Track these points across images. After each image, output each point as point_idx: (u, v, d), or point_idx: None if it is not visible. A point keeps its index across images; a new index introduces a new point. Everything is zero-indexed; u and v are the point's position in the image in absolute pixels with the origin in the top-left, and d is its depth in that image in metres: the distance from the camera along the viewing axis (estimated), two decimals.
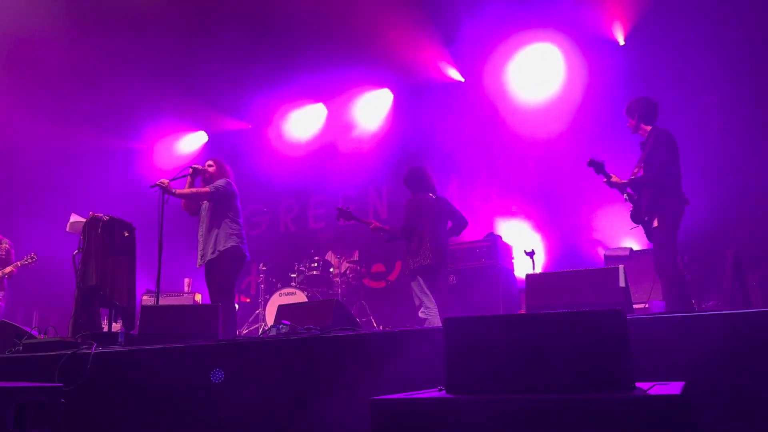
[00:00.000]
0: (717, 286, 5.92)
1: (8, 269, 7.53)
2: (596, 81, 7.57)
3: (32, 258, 7.46)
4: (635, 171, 5.08)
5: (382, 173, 9.24)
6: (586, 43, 8.11)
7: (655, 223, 4.88)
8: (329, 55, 8.64)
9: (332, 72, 8.95)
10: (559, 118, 7.76)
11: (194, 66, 8.80)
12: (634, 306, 4.71)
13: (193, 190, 5.94)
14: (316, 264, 8.25)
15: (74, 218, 6.96)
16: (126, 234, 4.71)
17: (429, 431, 1.72)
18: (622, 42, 8.03)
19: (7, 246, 7.74)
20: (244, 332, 8.08)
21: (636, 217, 5.05)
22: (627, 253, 6.15)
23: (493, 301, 6.55)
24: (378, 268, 9.23)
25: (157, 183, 5.63)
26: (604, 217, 7.22)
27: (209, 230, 5.84)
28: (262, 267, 8.59)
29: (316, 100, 9.96)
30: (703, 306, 5.75)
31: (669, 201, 4.94)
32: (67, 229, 7.18)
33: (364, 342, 3.33)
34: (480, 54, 8.57)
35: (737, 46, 7.01)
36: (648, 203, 4.94)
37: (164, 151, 10.84)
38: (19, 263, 7.55)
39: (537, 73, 8.45)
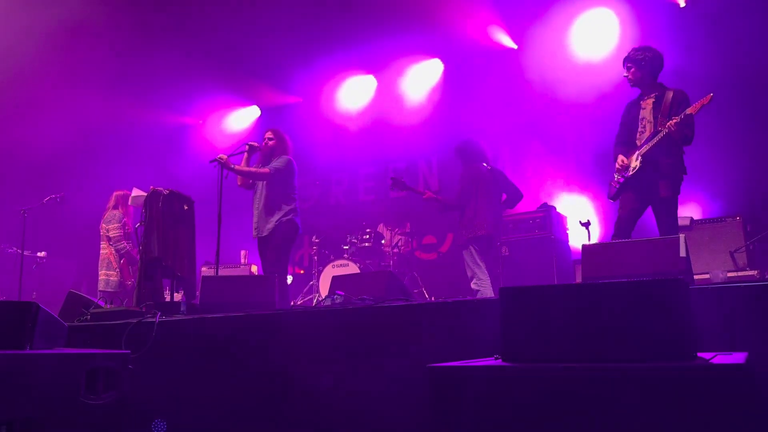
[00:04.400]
0: None
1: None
2: (655, 45, 7.31)
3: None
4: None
5: (433, 144, 9.18)
6: (645, 5, 7.81)
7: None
8: (379, 26, 8.56)
9: (382, 43, 8.88)
10: (615, 86, 7.53)
11: (246, 40, 8.87)
12: (695, 277, 4.60)
13: (252, 169, 5.97)
14: (367, 236, 8.32)
15: (136, 192, 7.18)
16: (185, 207, 4.83)
17: (486, 398, 1.74)
18: (683, 4, 7.72)
19: (125, 219, 7.35)
20: (299, 302, 8.24)
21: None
22: (687, 222, 5.97)
23: (546, 273, 6.48)
24: (429, 240, 9.23)
25: (216, 158, 5.73)
26: None
27: (265, 204, 5.93)
28: (314, 239, 8.71)
29: (366, 72, 9.93)
30: (767, 275, 5.57)
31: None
32: (129, 202, 7.42)
33: (418, 312, 3.36)
34: (533, 19, 8.35)
35: None
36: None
37: (219, 126, 11.03)
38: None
39: (592, 39, 8.20)
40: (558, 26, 8.34)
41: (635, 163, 4.75)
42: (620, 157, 4.89)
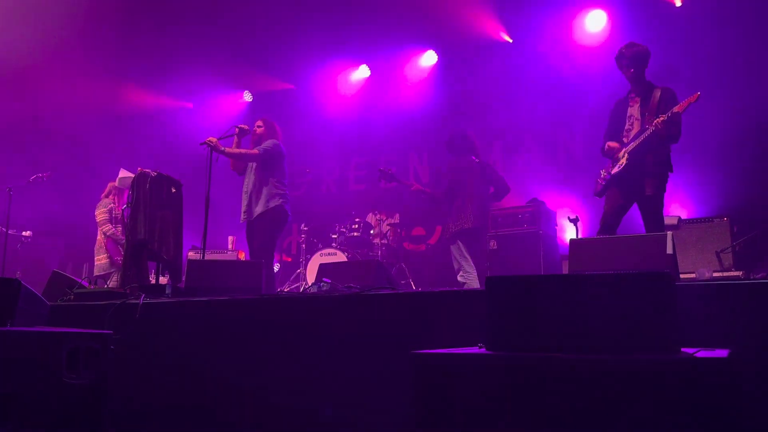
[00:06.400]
0: (767, 255, 5.77)
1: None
2: (650, 46, 7.33)
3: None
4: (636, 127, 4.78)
5: (424, 136, 9.17)
6: (641, 5, 7.81)
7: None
8: (374, 16, 8.53)
9: (377, 33, 8.85)
10: (607, 82, 7.55)
11: (239, 26, 8.81)
12: (681, 275, 4.62)
13: (242, 151, 5.98)
14: (356, 226, 8.30)
15: (123, 173, 7.11)
16: (173, 190, 4.79)
17: (470, 386, 1.74)
18: (678, 3, 7.72)
19: (111, 205, 7.42)
20: (285, 290, 8.22)
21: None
22: (675, 221, 6.00)
23: (534, 267, 6.49)
24: (418, 231, 9.23)
25: (206, 141, 5.70)
26: None
27: (255, 189, 5.91)
28: (303, 227, 8.68)
29: (360, 62, 9.89)
30: (752, 276, 5.61)
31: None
32: (117, 183, 7.36)
33: (404, 301, 3.35)
34: (529, 14, 8.33)
35: None
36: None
37: (210, 110, 10.95)
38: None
39: (587, 36, 8.20)
40: (553, 22, 8.33)
41: (622, 160, 4.76)
42: (608, 144, 4.91)
